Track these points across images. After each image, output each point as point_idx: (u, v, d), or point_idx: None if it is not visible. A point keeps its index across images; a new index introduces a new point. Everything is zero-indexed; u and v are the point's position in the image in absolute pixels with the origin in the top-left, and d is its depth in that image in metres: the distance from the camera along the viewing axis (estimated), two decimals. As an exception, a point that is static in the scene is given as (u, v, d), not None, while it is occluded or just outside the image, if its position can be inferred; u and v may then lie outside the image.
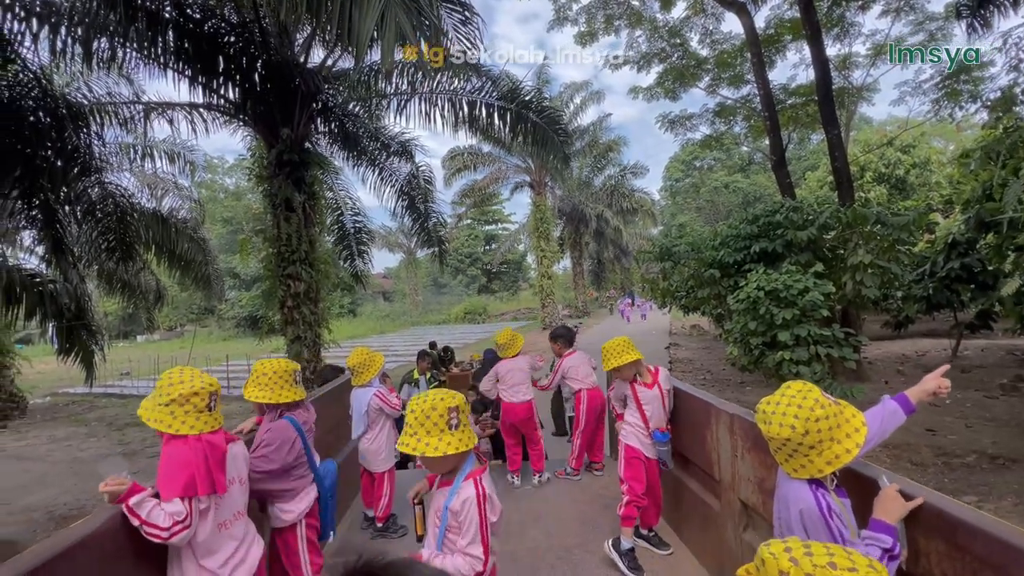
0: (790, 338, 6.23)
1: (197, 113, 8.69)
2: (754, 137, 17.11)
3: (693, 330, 20.10)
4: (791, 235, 7.54)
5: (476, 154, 24.55)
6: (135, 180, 11.73)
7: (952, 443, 5.97)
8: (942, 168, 23.59)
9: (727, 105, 15.53)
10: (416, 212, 10.93)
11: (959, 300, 10.30)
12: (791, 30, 13.74)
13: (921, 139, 24.05)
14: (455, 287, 49.41)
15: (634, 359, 3.05)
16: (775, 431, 1.46)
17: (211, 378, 1.88)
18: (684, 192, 44.25)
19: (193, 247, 11.60)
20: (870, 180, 22.78)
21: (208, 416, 1.81)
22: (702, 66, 14.85)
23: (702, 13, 14.27)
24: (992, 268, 9.32)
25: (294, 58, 7.69)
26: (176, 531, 1.65)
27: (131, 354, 25.59)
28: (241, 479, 1.97)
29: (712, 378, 11.14)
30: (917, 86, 15.53)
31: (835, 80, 12.38)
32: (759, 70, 11.49)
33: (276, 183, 7.69)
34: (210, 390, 1.83)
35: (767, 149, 12.24)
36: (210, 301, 26.68)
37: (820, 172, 25.87)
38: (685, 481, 3.14)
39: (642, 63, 14.89)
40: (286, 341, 8.12)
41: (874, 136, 27.67)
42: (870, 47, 15.39)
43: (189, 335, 34.15)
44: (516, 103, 8.50)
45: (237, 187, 39.97)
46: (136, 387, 16.26)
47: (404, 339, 28.04)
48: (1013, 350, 10.85)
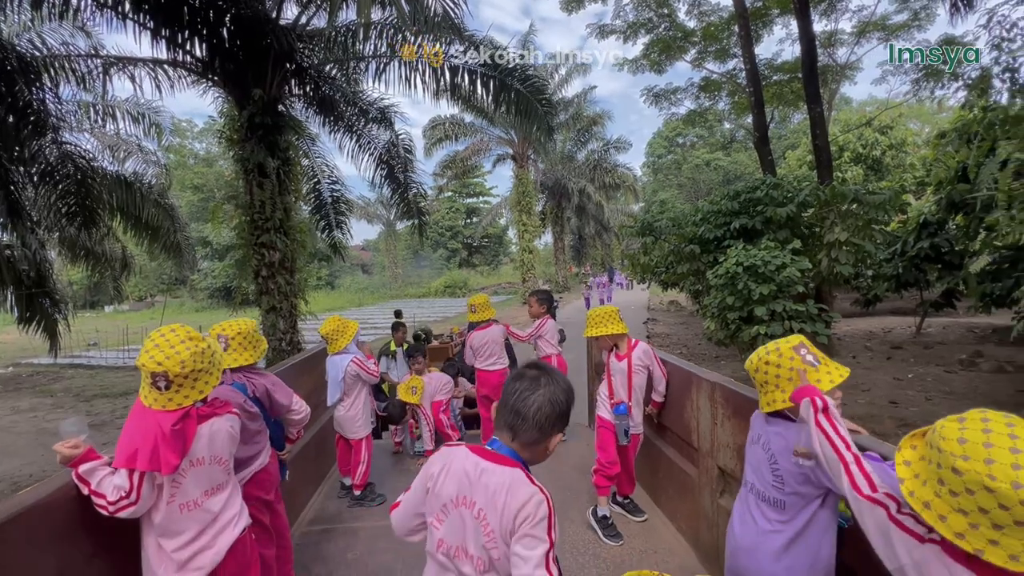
0: (766, 313, 6.36)
1: (162, 70, 8.19)
2: (737, 114, 17.11)
3: (671, 306, 20.41)
4: (771, 212, 7.61)
5: (458, 124, 24.00)
6: (96, 142, 11.12)
7: (913, 415, 6.23)
8: (917, 150, 24.05)
9: (712, 79, 15.42)
10: (395, 182, 10.65)
11: (926, 279, 10.64)
12: (779, 3, 13.60)
13: (898, 120, 24.40)
14: (435, 260, 48.98)
15: (615, 332, 3.04)
16: (746, 364, 1.71)
17: (168, 355, 1.62)
18: (666, 169, 44.28)
19: (160, 213, 11.12)
20: (848, 160, 23.11)
21: (157, 394, 1.62)
22: (689, 38, 14.65)
23: (691, -17, 13.98)
24: (959, 248, 9.62)
25: (266, 13, 7.26)
26: (121, 506, 1.53)
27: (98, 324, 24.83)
28: (217, 458, 1.79)
29: (689, 352, 11.36)
30: (899, 66, 15.61)
31: (820, 57, 12.35)
32: (746, 44, 11.37)
33: (248, 147, 7.36)
34: (155, 369, 1.59)
35: (750, 126, 12.25)
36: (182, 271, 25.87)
37: (800, 151, 26.11)
38: (663, 449, 3.20)
39: (629, 33, 14.59)
40: (261, 312, 7.92)
41: (854, 116, 27.95)
42: (856, 24, 15.36)
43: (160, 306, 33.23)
44: (500, 71, 8.23)
45: (208, 153, 38.37)
46: (104, 358, 15.83)
47: (383, 311, 27.84)
48: (973, 328, 11.32)
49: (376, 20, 7.76)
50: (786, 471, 1.54)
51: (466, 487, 1.27)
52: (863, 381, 7.64)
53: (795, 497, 1.52)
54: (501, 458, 1.29)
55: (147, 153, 12.12)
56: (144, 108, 10.70)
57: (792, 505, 1.53)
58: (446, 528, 1.29)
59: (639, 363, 3.11)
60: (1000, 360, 8.14)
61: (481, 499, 1.24)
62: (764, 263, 6.33)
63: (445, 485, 1.31)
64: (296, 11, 7.73)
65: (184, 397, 1.66)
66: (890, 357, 9.16)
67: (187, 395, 1.67)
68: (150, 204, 10.74)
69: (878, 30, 15.27)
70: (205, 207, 33.04)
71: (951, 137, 9.93)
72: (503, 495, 1.22)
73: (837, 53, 16.33)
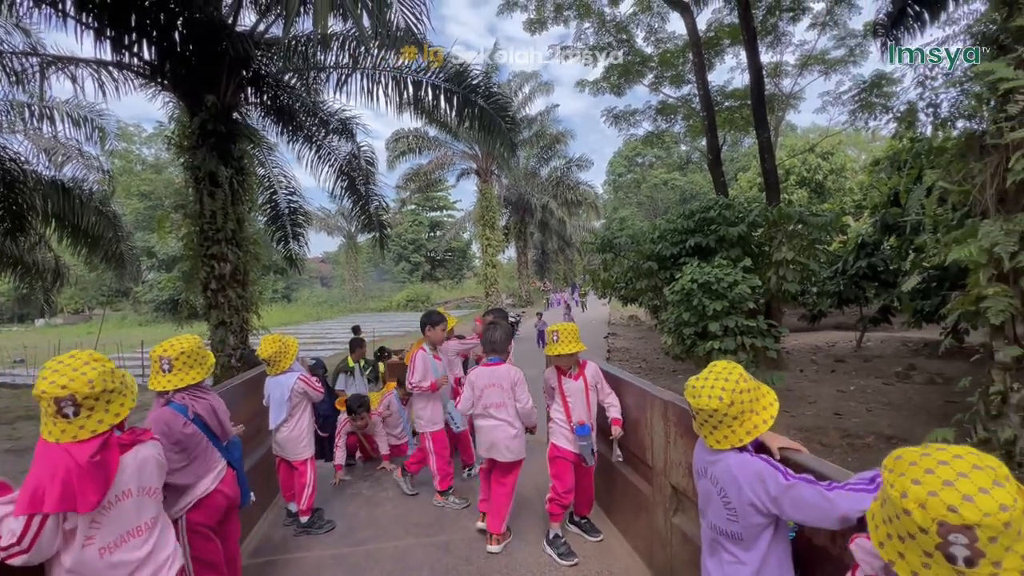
0: (719, 328, 6.57)
1: (107, 72, 7.78)
2: (692, 136, 17.85)
3: (631, 320, 20.82)
4: (723, 231, 7.92)
5: (422, 137, 23.96)
6: (31, 145, 10.42)
7: (855, 426, 6.55)
8: (855, 175, 25.78)
9: (669, 103, 16.06)
10: (357, 194, 10.47)
11: (865, 296, 11.32)
12: (729, 35, 14.37)
13: (838, 147, 26.12)
14: (398, 274, 48.26)
15: (578, 350, 3.02)
16: (704, 403, 1.58)
17: (72, 377, 1.46)
18: (626, 187, 45.58)
19: (102, 222, 10.47)
20: (794, 183, 24.49)
21: (65, 424, 1.44)
22: (647, 63, 15.23)
23: (648, 11, 14.59)
24: (893, 267, 10.31)
25: (221, 19, 7.04)
26: (12, 553, 1.34)
27: (27, 339, 23.01)
28: (147, 489, 1.63)
29: (647, 367, 11.58)
30: (837, 96, 16.75)
31: (767, 86, 13.09)
32: (699, 71, 11.93)
33: (199, 155, 7.07)
34: (58, 394, 1.42)
35: (704, 148, 12.78)
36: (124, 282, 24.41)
37: (750, 174, 27.49)
38: (618, 467, 3.20)
39: (590, 56, 15.04)
40: (209, 327, 7.54)
41: (799, 142, 29.72)
42: (798, 57, 16.41)
43: (98, 319, 31.12)
44: (463, 87, 8.29)
45: (157, 159, 36.59)
46: (31, 375, 14.62)
47: (342, 326, 27.09)
48: (907, 341, 12.08)
49: (337, 31, 7.68)
50: (738, 503, 1.53)
51: (492, 378, 3.19)
52: (810, 394, 7.99)
53: (751, 527, 1.52)
54: (498, 364, 3.23)
55: (88, 158, 11.44)
56: (87, 111, 10.14)
57: (749, 535, 1.53)
58: (487, 397, 3.17)
59: (593, 382, 3.11)
60: (931, 372, 8.70)
61: (499, 379, 3.17)
62: (717, 280, 6.56)
63: (480, 379, 3.21)
64: (254, 18, 7.56)
65: (97, 422, 1.48)
66: (834, 370, 9.64)
67: (100, 419, 1.49)
68: (91, 212, 10.10)
69: (818, 64, 16.38)
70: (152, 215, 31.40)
71: (884, 164, 10.71)
72: (506, 373, 3.19)
73: (783, 83, 17.38)
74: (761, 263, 8.18)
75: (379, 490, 4.19)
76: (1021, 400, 3.68)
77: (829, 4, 13.99)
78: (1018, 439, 3.69)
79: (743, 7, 10.18)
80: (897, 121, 5.15)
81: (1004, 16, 3.62)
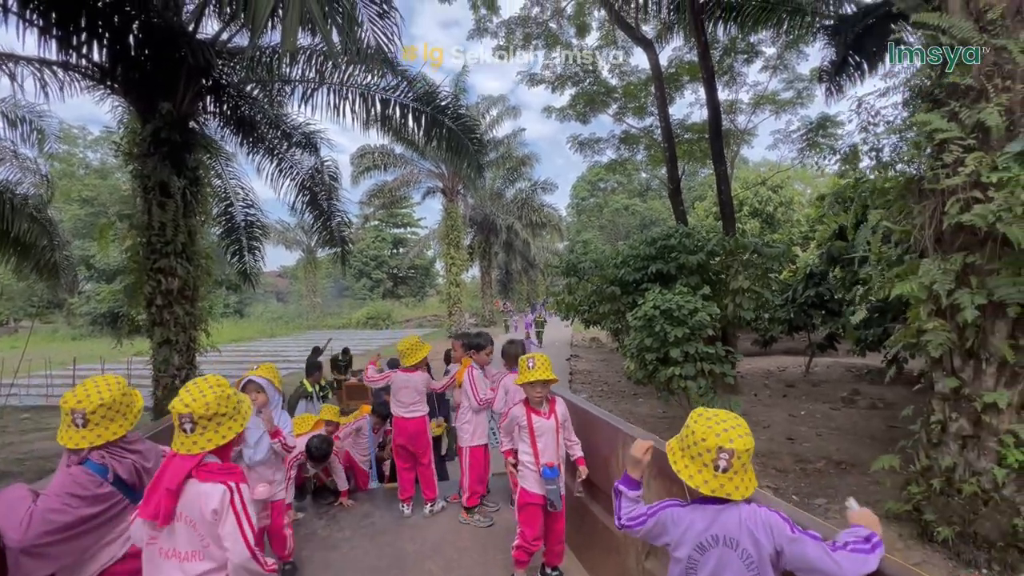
0: (680, 354, 6.70)
1: (50, 71, 7.33)
2: (653, 165, 18.51)
3: (593, 342, 21.04)
4: (684, 259, 8.16)
5: (388, 154, 23.77)
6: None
7: (807, 450, 6.78)
8: (802, 208, 27.36)
9: (631, 133, 16.64)
10: (318, 209, 10.21)
11: (812, 324, 11.89)
12: (689, 72, 15.12)
13: (787, 182, 27.71)
14: (358, 290, 47.16)
15: (551, 378, 2.86)
16: (747, 443, 1.49)
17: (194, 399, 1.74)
18: (589, 211, 46.67)
19: (36, 229, 9.71)
20: (747, 214, 25.72)
21: (184, 437, 1.72)
22: (611, 94, 15.79)
23: (613, 45, 15.18)
24: (838, 297, 10.90)
25: (181, 26, 6.80)
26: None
27: (-60, 354, 20.90)
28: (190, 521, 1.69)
29: (609, 390, 11.68)
30: (788, 135, 17.84)
31: (724, 122, 13.78)
32: (661, 104, 12.43)
33: (150, 163, 6.71)
34: (181, 411, 1.71)
35: (664, 177, 13.26)
36: (58, 293, 22.70)
37: (707, 203, 28.71)
38: (588, 505, 3.12)
39: (557, 84, 15.47)
40: (152, 345, 7.07)
41: (751, 175, 31.38)
42: (752, 96, 17.44)
43: (26, 332, 28.71)
44: (432, 107, 8.30)
45: (103, 164, 34.66)
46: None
47: (298, 343, 26.11)
48: (851, 367, 12.72)
49: (305, 45, 7.56)
50: (758, 559, 1.45)
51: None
52: (764, 418, 8.24)
53: None
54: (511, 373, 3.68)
55: (24, 160, 10.67)
56: (25, 111, 9.50)
57: None
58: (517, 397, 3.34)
59: (563, 420, 2.96)
60: (873, 398, 9.17)
61: None
62: (679, 307, 6.72)
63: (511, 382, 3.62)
64: (217, 26, 7.34)
65: (207, 440, 1.73)
66: (785, 395, 10.01)
67: (209, 438, 1.73)
68: (23, 218, 9.36)
69: (770, 103, 17.46)
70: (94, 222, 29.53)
71: (829, 200, 11.42)
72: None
73: (738, 120, 18.38)
74: (718, 290, 8.46)
75: (335, 529, 3.93)
76: (959, 429, 3.90)
77: (780, 49, 14.99)
78: (956, 466, 3.90)
79: (702, 48, 10.74)
80: (841, 161, 5.51)
81: (938, 74, 3.95)
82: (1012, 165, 3.35)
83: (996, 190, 3.41)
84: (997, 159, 3.47)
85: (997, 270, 3.64)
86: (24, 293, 31.87)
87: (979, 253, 3.72)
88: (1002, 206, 3.32)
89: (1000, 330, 3.71)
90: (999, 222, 3.34)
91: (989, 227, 3.41)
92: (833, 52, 9.72)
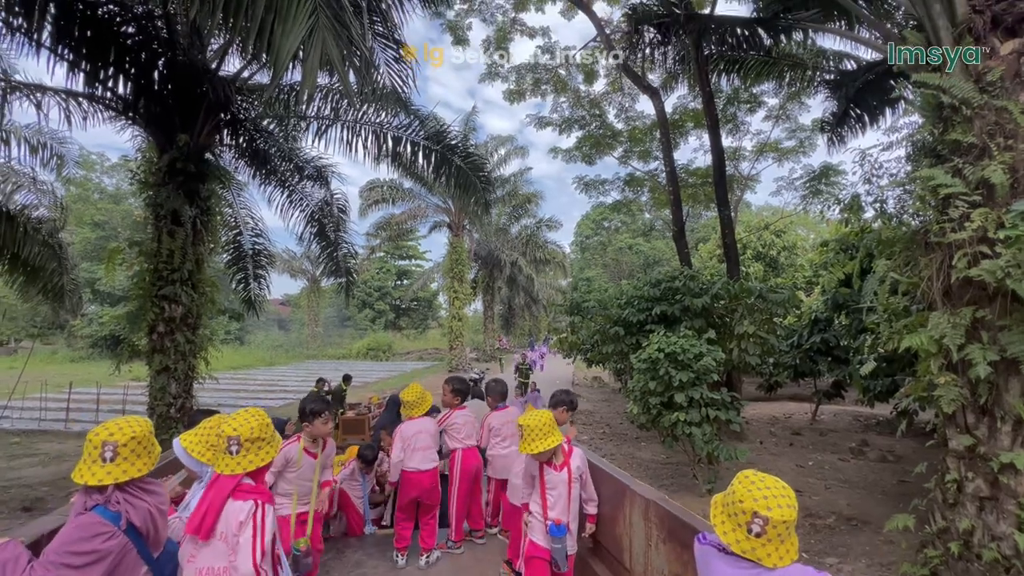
0: (685, 399, 6.57)
1: (75, 102, 7.59)
2: (657, 207, 18.77)
3: (595, 382, 20.76)
4: (688, 301, 8.13)
5: (396, 188, 24.22)
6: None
7: (815, 504, 6.54)
8: (805, 252, 27.49)
9: (636, 176, 16.95)
10: (326, 240, 10.33)
11: (818, 370, 11.72)
12: (693, 119, 15.54)
13: (790, 227, 27.97)
14: (360, 320, 47.07)
15: (557, 443, 2.71)
16: (786, 515, 1.45)
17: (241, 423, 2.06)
18: (593, 249, 47.06)
19: (46, 253, 9.79)
20: (750, 257, 25.84)
21: (229, 459, 2.02)
22: (617, 138, 16.19)
23: (620, 91, 15.67)
24: (844, 344, 10.77)
25: (204, 63, 7.08)
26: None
27: (-63, 372, 20.79)
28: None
29: (611, 432, 11.42)
30: (790, 182, 18.14)
31: (727, 168, 14.05)
32: (666, 149, 12.70)
33: (164, 192, 6.84)
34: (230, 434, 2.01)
35: (668, 218, 13.42)
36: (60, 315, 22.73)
37: (710, 245, 28.90)
38: (593, 565, 2.96)
39: (564, 127, 15.89)
40: (151, 371, 7.01)
41: (754, 219, 31.73)
42: (755, 144, 17.84)
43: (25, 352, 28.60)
44: (442, 145, 8.51)
45: (117, 189, 35.41)
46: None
47: (297, 372, 25.87)
48: (859, 416, 12.44)
49: (322, 84, 7.83)
50: None
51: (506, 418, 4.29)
52: (771, 468, 7.99)
53: None
54: (507, 407, 4.40)
55: (41, 184, 10.89)
56: (47, 137, 9.77)
57: None
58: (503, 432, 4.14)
59: (578, 473, 2.81)
60: (883, 450, 8.91)
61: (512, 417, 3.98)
62: (683, 351, 6.63)
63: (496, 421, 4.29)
64: (239, 64, 7.63)
65: (248, 462, 2.00)
66: (792, 443, 9.75)
67: (251, 460, 2.01)
68: (35, 242, 9.47)
69: (773, 151, 17.86)
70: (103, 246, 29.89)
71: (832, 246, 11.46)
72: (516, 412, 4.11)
73: (741, 166, 18.74)
74: (723, 334, 8.38)
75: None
76: (976, 490, 3.75)
77: (782, 100, 15.44)
78: (975, 529, 3.73)
79: (706, 97, 11.06)
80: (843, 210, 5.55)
81: (940, 131, 4.02)
82: (1019, 223, 3.36)
83: (1004, 247, 3.41)
84: (1004, 216, 3.49)
85: (1008, 326, 3.59)
86: (26, 313, 31.98)
87: (989, 308, 3.68)
88: (1011, 262, 3.31)
89: (1014, 387, 3.62)
90: (1008, 278, 3.32)
91: (998, 282, 3.39)
92: (835, 105, 9.99)
